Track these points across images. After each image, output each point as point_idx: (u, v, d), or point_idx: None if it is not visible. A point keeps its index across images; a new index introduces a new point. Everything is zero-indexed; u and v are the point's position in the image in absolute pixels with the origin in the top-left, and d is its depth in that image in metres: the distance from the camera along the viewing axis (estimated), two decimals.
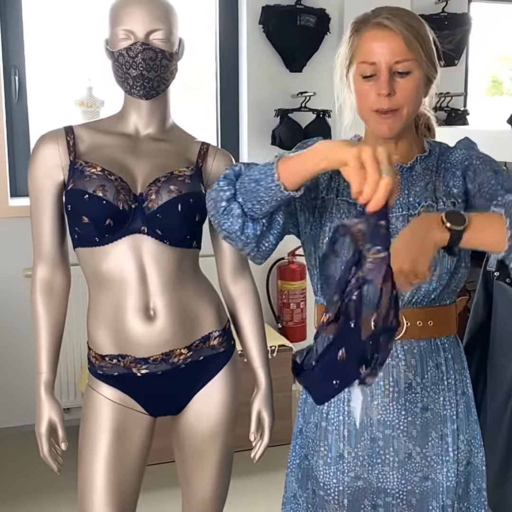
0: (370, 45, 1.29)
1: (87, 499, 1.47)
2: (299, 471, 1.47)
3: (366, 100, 1.32)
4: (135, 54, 1.41)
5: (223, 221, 1.24)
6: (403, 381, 1.35)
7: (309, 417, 1.43)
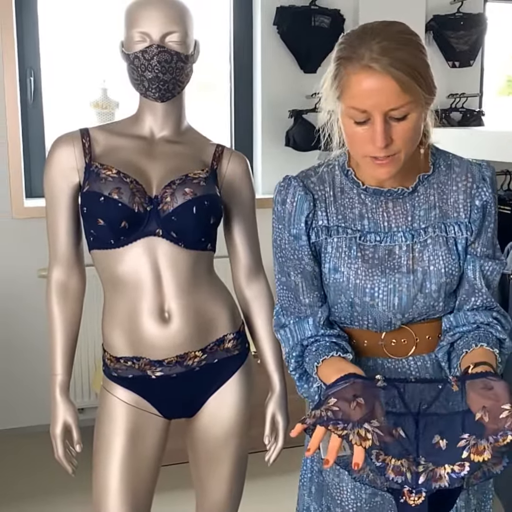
0: (359, 91, 1.13)
1: (102, 500, 1.47)
2: (312, 485, 1.45)
3: (359, 145, 1.19)
4: (150, 57, 1.41)
5: None
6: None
7: None
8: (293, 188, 1.31)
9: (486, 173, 1.30)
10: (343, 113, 1.20)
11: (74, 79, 3.28)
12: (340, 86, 1.18)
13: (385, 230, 1.28)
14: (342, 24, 3.40)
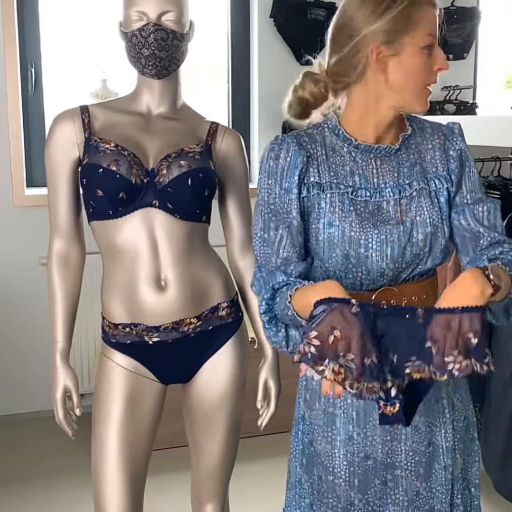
0: (431, 18, 1.33)
1: (101, 463, 1.52)
2: (303, 457, 1.48)
3: (426, 76, 1.30)
4: (147, 34, 1.46)
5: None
6: None
7: (313, 403, 1.43)
8: (286, 144, 1.34)
9: (454, 127, 1.42)
10: (414, 47, 1.29)
11: (74, 70, 3.33)
12: (419, 18, 1.30)
13: (375, 186, 1.36)
14: None
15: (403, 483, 1.40)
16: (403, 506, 1.41)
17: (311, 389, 1.43)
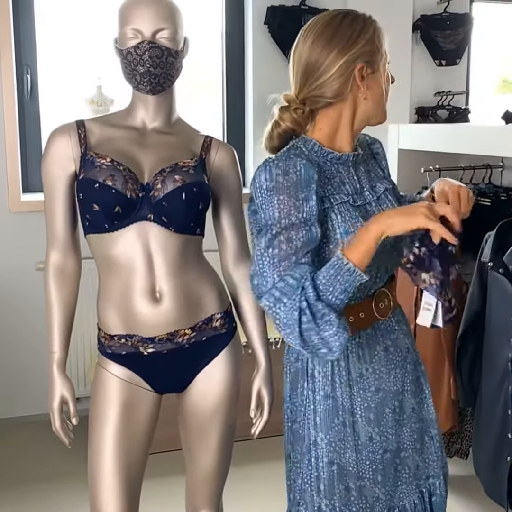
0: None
1: (97, 471, 1.55)
2: (320, 482, 1.48)
3: (388, 87, 1.47)
4: (142, 52, 1.49)
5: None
6: (404, 347, 1.57)
7: (331, 421, 1.47)
8: (292, 160, 1.34)
9: (364, 135, 1.59)
10: (383, 64, 1.44)
11: (70, 77, 3.36)
12: (382, 37, 1.45)
13: (359, 192, 1.48)
14: None
15: (408, 463, 1.55)
16: (410, 482, 1.56)
17: (323, 409, 1.46)
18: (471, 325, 2.41)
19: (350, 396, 1.47)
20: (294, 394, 1.52)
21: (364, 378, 1.48)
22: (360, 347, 1.47)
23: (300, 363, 1.50)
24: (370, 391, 1.48)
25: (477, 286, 2.36)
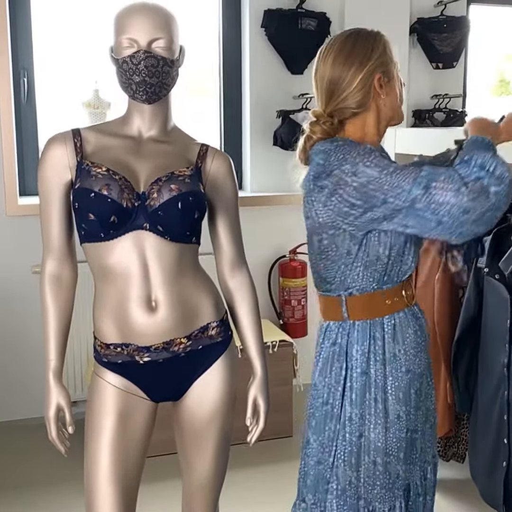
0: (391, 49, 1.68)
1: (93, 479, 1.55)
2: (352, 456, 1.65)
3: (402, 91, 1.68)
4: (138, 62, 1.49)
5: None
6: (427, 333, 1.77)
7: (363, 395, 1.65)
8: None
9: None
10: (396, 73, 1.66)
11: (66, 80, 3.36)
12: (391, 50, 1.66)
13: None
14: (328, 27, 3.49)
15: (417, 445, 1.71)
16: (415, 463, 1.72)
17: (358, 386, 1.63)
18: (467, 330, 2.41)
19: (384, 375, 1.63)
20: (327, 377, 1.67)
21: (397, 359, 1.64)
22: (394, 329, 1.64)
23: (337, 346, 1.65)
24: (401, 371, 1.64)
25: (473, 291, 2.37)
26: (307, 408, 1.73)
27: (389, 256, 1.58)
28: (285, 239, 3.56)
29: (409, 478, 1.71)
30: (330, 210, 1.55)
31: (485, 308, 2.32)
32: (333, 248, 1.60)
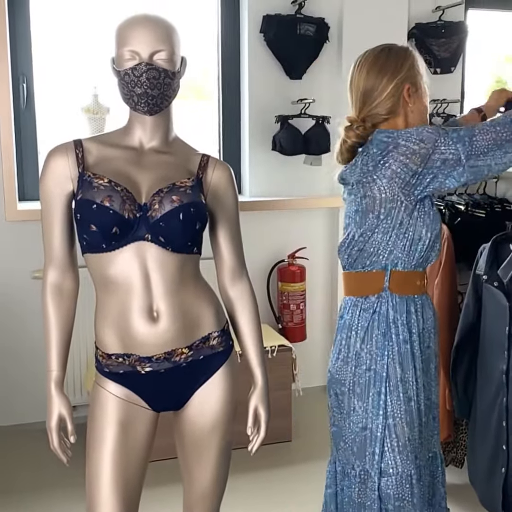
0: (423, 64, 1.91)
1: (95, 489, 1.56)
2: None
3: (427, 100, 1.91)
4: (140, 74, 1.50)
5: None
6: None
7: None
8: None
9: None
10: (423, 83, 1.88)
11: (65, 85, 3.37)
12: (419, 64, 1.88)
13: None
14: (327, 32, 3.50)
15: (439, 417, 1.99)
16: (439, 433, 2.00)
17: (403, 351, 1.84)
18: (466, 336, 2.43)
19: (419, 346, 1.85)
20: (368, 344, 1.84)
21: (423, 334, 1.86)
22: (422, 308, 1.87)
23: (376, 315, 1.84)
24: (425, 346, 1.87)
25: (472, 298, 2.38)
26: (350, 378, 1.88)
27: (430, 238, 1.81)
28: (284, 243, 3.57)
29: (431, 447, 1.95)
30: (395, 183, 1.75)
31: (484, 315, 2.33)
32: (388, 221, 1.79)
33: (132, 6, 3.09)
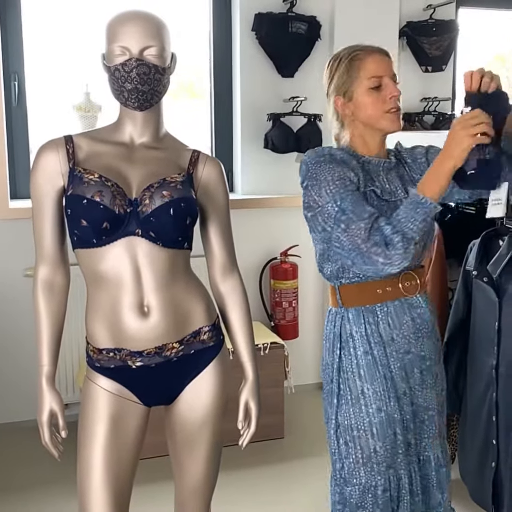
0: (376, 64, 1.71)
1: (86, 483, 1.57)
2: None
3: (378, 105, 1.71)
4: (130, 69, 1.50)
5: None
6: (430, 322, 1.85)
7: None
8: (333, 149, 1.77)
9: (397, 144, 1.91)
10: (362, 89, 1.71)
11: (57, 83, 3.36)
12: (357, 68, 1.71)
13: (389, 191, 1.78)
14: (319, 30, 3.51)
15: (434, 421, 1.87)
16: (434, 437, 1.88)
17: (365, 363, 1.79)
18: (457, 332, 2.44)
19: (386, 355, 1.78)
20: (331, 357, 1.82)
21: (395, 342, 1.79)
22: (389, 316, 1.79)
23: (337, 329, 1.82)
24: (401, 353, 1.79)
25: (462, 294, 2.39)
26: (323, 385, 1.87)
27: None
28: (276, 241, 3.58)
29: (421, 450, 1.87)
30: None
31: (473, 311, 2.35)
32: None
33: (123, 3, 3.09)
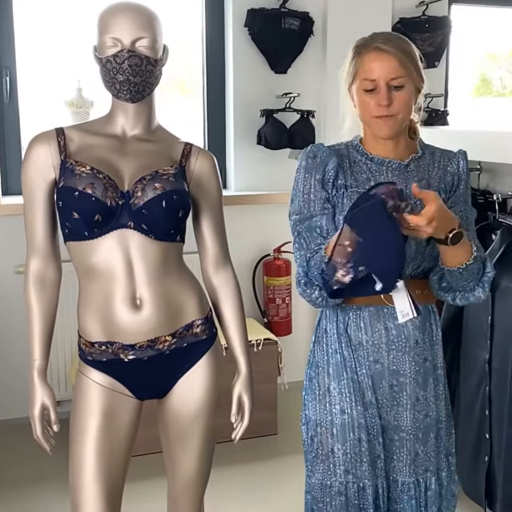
0: (370, 65, 1.60)
1: (78, 476, 1.56)
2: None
3: (368, 109, 1.63)
4: (121, 61, 1.50)
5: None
6: (412, 338, 1.72)
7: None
8: (322, 148, 1.71)
9: (458, 152, 1.76)
10: (357, 88, 1.63)
11: (49, 79, 3.35)
12: (355, 68, 1.63)
13: None
14: (311, 26, 3.51)
15: (407, 445, 1.73)
16: (406, 464, 1.74)
17: (334, 362, 1.74)
18: (449, 326, 2.44)
19: (354, 358, 1.72)
20: (310, 349, 1.80)
21: (364, 348, 1.71)
22: (362, 320, 1.71)
23: (317, 323, 1.80)
24: (369, 360, 1.71)
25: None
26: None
27: None
28: (269, 237, 3.57)
29: (390, 470, 1.74)
30: None
31: (466, 306, 2.35)
32: None
33: None
